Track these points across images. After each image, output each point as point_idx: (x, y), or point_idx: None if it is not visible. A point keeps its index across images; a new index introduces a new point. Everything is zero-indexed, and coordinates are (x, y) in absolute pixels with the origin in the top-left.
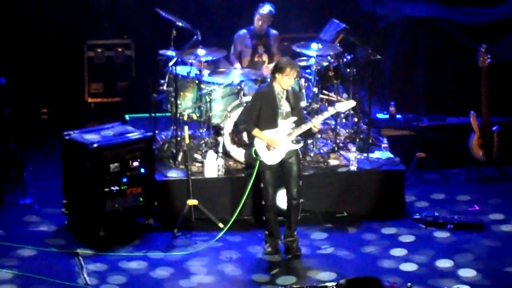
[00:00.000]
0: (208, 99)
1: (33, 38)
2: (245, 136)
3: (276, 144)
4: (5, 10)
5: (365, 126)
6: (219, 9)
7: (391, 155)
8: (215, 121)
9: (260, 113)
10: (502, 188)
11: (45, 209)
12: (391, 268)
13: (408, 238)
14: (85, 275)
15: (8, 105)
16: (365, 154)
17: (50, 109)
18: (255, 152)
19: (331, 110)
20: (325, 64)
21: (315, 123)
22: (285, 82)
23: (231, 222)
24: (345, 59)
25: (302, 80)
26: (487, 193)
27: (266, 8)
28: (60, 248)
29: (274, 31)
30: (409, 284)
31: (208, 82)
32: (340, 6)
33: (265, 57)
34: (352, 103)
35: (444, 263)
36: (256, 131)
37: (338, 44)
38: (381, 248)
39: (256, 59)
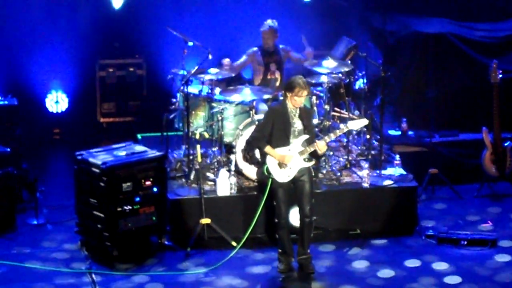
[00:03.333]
0: (220, 118)
1: (45, 57)
2: (257, 153)
3: (287, 160)
4: (17, 27)
5: (377, 143)
6: (230, 28)
7: (404, 172)
8: (227, 139)
9: (272, 130)
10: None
11: (58, 229)
12: (405, 285)
13: (421, 255)
14: None
15: (20, 125)
16: (377, 171)
17: (62, 129)
18: (267, 170)
19: (343, 128)
20: (336, 81)
21: (320, 146)
22: (295, 102)
23: (244, 240)
24: (356, 76)
25: (314, 97)
26: (500, 209)
27: (266, 25)
28: (74, 268)
29: (281, 46)
30: None
31: (220, 100)
32: (351, 23)
33: (277, 74)
34: (364, 122)
35: (455, 282)
36: (267, 148)
37: (349, 61)
38: (395, 265)
39: (269, 76)
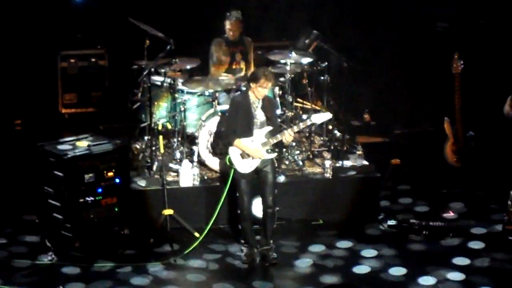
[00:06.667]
0: (182, 108)
1: (6, 48)
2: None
3: (259, 155)
4: None
5: (340, 134)
6: (193, 18)
7: (366, 162)
8: (189, 130)
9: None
10: (476, 194)
11: (19, 221)
12: (367, 276)
13: (384, 245)
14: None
15: None
16: (340, 162)
17: (24, 120)
18: (229, 160)
19: (306, 122)
20: (299, 71)
21: (286, 136)
22: (258, 92)
23: (206, 231)
24: (319, 67)
25: (277, 88)
26: (462, 199)
27: (232, 16)
28: (36, 260)
29: (248, 39)
30: None
31: (182, 91)
32: (314, 13)
33: (242, 64)
34: (328, 115)
35: (417, 271)
36: (237, 142)
37: (312, 52)
38: (357, 255)
39: (234, 66)
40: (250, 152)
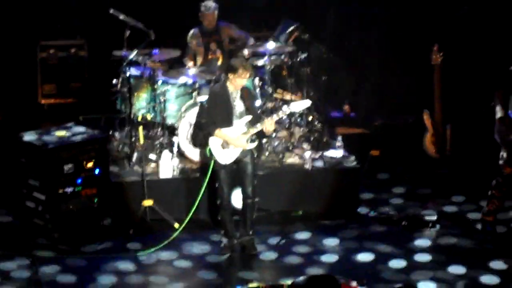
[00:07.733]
0: (162, 99)
1: None
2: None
3: (240, 144)
4: None
5: (320, 125)
6: (173, 8)
7: (346, 154)
8: (169, 121)
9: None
10: (455, 185)
11: None
12: (346, 266)
13: (363, 236)
14: (40, 278)
15: None
16: (319, 153)
17: (3, 111)
18: (209, 151)
19: (285, 110)
20: (278, 63)
21: (267, 125)
22: (237, 83)
23: (185, 222)
24: (298, 58)
25: (256, 79)
26: (441, 189)
27: (208, 6)
28: (14, 250)
29: (223, 23)
30: (364, 281)
31: (162, 82)
32: (293, 4)
33: (218, 54)
34: (307, 103)
35: (396, 262)
36: (217, 132)
37: (292, 43)
38: (335, 246)
39: (209, 56)
40: (231, 142)
